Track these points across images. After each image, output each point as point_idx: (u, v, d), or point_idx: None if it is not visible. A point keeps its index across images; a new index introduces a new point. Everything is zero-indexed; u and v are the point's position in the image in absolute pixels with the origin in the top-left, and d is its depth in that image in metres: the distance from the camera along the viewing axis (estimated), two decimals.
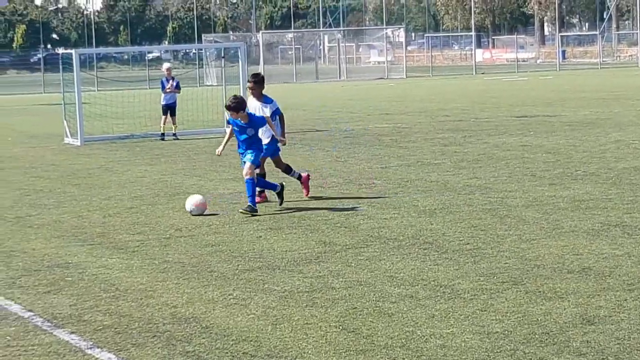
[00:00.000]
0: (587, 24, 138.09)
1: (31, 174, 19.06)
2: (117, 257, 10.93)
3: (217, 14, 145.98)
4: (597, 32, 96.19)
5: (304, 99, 44.45)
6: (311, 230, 12.12)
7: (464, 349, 7.26)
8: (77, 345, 7.74)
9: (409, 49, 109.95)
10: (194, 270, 10.16)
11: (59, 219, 13.67)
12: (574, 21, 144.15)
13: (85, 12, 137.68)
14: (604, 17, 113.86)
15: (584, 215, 12.39)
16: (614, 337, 7.39)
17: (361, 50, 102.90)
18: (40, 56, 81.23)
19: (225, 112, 14.57)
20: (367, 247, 10.98)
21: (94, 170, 19.59)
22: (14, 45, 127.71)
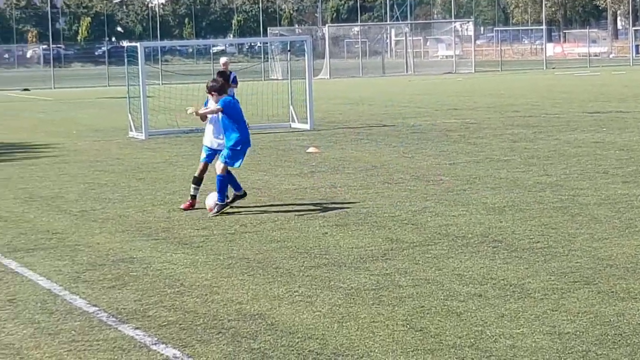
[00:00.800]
0: None
1: (95, 168, 19.15)
2: (182, 252, 10.89)
3: (283, 7, 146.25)
4: None
5: (371, 94, 44.32)
6: (378, 227, 11.99)
7: (535, 349, 7.10)
8: (142, 340, 7.69)
9: (478, 42, 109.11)
10: (259, 266, 10.08)
11: (124, 213, 13.68)
12: None
13: (150, 5, 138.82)
14: None
15: None
16: None
17: (429, 44, 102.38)
18: (105, 49, 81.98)
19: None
20: (434, 244, 10.82)
21: (158, 164, 19.64)
22: (78, 38, 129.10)
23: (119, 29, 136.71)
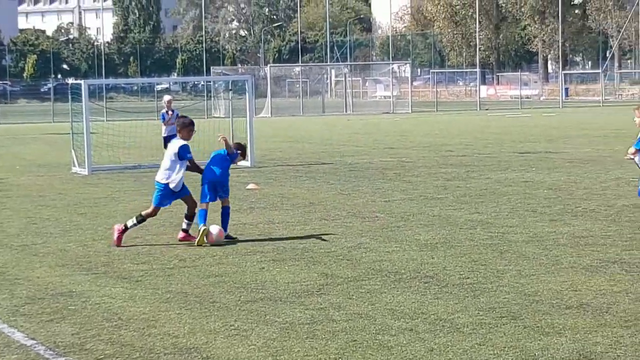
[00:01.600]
0: (590, 63, 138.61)
1: (38, 203, 19.18)
2: (121, 287, 11.03)
3: (226, 47, 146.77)
4: (599, 71, 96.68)
5: (310, 132, 44.65)
6: (313, 262, 12.23)
7: None
8: None
9: (415, 84, 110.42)
10: (196, 300, 10.26)
11: (64, 247, 13.78)
12: (577, 59, 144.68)
13: (95, 43, 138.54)
14: (607, 55, 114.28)
15: (583, 251, 12.50)
16: None
17: (367, 84, 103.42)
18: (50, 86, 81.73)
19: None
20: (368, 279, 11.08)
21: (100, 199, 19.72)
22: (25, 74, 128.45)
23: (65, 66, 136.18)
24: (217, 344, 8.57)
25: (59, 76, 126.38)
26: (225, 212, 14.22)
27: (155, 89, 78.85)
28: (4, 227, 15.97)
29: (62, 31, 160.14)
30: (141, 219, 14.10)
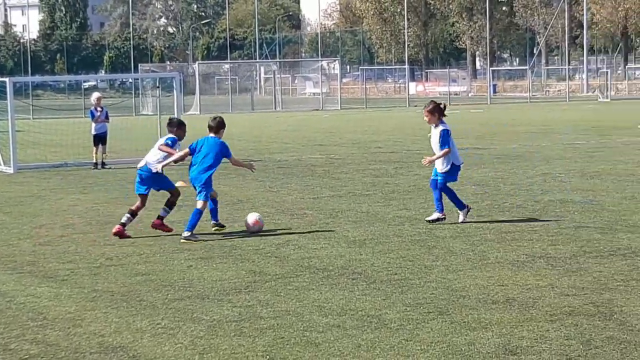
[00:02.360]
0: (517, 59, 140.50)
1: None
2: (46, 286, 10.90)
3: (154, 44, 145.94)
4: (527, 67, 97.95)
5: (240, 129, 44.48)
6: (242, 260, 12.19)
7: None
8: None
9: (344, 81, 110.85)
10: (123, 299, 10.17)
11: None
12: (505, 56, 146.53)
13: (21, 40, 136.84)
14: (534, 52, 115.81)
15: (510, 246, 12.62)
16: None
17: (297, 81, 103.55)
18: None
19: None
20: (296, 277, 11.08)
21: (26, 198, 19.46)
22: None
23: None
24: (144, 342, 8.50)
25: None
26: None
27: (82, 87, 78.18)
28: None
29: None
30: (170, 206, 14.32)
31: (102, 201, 18.74)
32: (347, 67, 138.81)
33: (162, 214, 14.30)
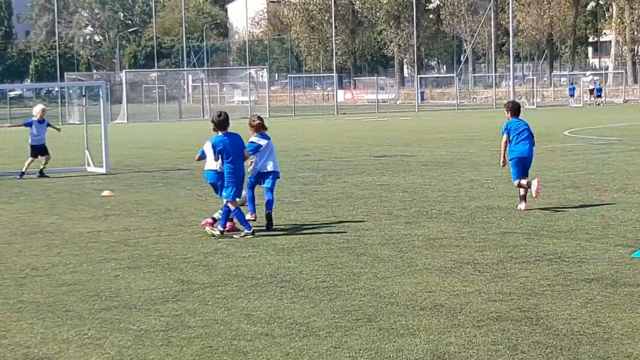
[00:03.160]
0: (445, 67, 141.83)
1: None
2: None
3: (81, 53, 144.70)
4: (454, 75, 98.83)
5: (167, 138, 44.26)
6: (169, 269, 12.11)
7: None
8: None
9: (272, 89, 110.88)
10: (49, 309, 10.04)
11: None
12: (433, 64, 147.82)
13: None
14: (461, 60, 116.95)
15: (438, 253, 12.71)
16: None
17: (225, 89, 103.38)
18: None
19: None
20: (224, 285, 11.03)
21: None
22: None
23: None
24: (70, 353, 8.40)
25: None
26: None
27: (7, 96, 77.10)
28: None
29: None
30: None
31: (28, 211, 18.50)
32: (276, 75, 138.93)
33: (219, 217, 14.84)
